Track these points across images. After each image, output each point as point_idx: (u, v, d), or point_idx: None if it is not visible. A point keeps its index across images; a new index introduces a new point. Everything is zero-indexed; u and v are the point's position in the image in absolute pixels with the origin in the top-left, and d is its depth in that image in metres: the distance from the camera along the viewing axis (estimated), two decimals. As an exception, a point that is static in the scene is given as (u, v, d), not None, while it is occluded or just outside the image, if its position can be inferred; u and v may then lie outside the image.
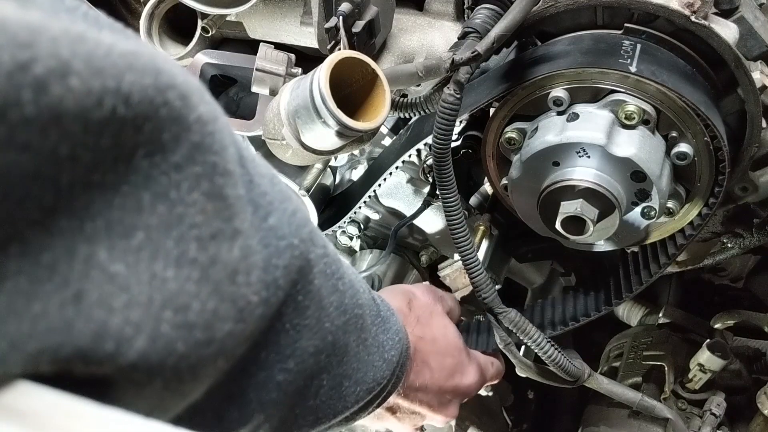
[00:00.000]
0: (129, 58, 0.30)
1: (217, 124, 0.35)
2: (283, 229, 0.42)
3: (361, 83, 0.69)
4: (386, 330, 0.63)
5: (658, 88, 0.72)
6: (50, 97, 0.27)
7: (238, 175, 0.37)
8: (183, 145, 0.32)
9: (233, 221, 0.36)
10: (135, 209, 0.31)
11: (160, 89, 0.31)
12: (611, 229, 0.75)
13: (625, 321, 1.40)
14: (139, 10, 0.95)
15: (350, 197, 1.07)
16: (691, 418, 1.04)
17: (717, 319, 1.25)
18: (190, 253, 0.33)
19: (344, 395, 0.56)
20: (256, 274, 0.38)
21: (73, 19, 0.33)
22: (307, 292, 0.45)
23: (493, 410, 1.38)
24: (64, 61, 0.27)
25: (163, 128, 0.31)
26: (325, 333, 0.48)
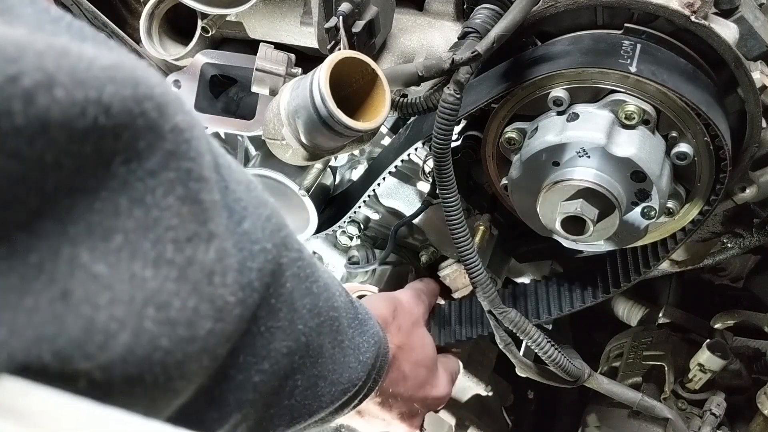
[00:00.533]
0: (110, 71, 0.31)
1: (194, 132, 0.36)
2: (257, 234, 0.43)
3: (361, 83, 0.69)
4: (363, 332, 0.65)
5: (658, 88, 0.72)
6: (38, 107, 0.28)
7: (213, 180, 0.39)
8: (157, 153, 0.34)
9: (208, 224, 0.37)
10: (113, 213, 0.33)
11: (137, 100, 0.32)
12: (611, 229, 0.75)
13: (625, 321, 1.40)
14: (139, 10, 0.95)
15: (350, 197, 1.07)
16: (691, 418, 1.04)
17: (717, 319, 1.25)
18: (167, 254, 0.35)
19: (319, 395, 0.58)
20: (232, 276, 0.40)
21: (56, 30, 0.35)
22: (279, 295, 0.46)
23: (493, 410, 1.38)
24: (49, 74, 0.29)
25: (140, 137, 0.33)
26: (298, 334, 0.50)
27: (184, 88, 0.94)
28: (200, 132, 0.38)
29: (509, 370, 1.02)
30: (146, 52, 0.95)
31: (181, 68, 0.95)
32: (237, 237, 0.41)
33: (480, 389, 1.30)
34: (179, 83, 0.94)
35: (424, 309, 0.88)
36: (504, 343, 0.93)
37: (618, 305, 1.42)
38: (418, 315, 0.87)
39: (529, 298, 0.99)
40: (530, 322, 0.90)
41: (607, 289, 0.92)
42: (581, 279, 0.96)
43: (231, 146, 1.16)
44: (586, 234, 0.73)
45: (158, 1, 0.91)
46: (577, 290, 0.96)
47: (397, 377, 0.78)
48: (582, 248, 0.87)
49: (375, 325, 0.68)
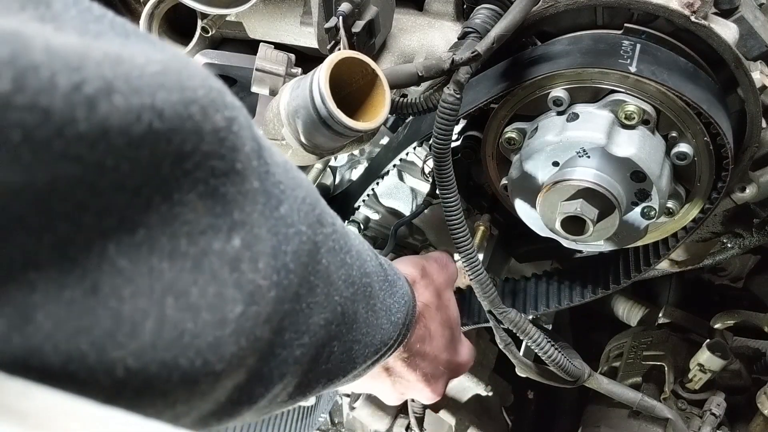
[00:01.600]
0: (159, 77, 0.33)
1: (232, 127, 0.38)
2: (293, 217, 0.45)
3: (361, 83, 0.69)
4: (393, 293, 0.67)
5: (658, 88, 0.72)
6: (99, 114, 0.30)
7: (252, 168, 0.40)
8: (197, 154, 0.36)
9: (233, 214, 0.39)
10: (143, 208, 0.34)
11: (185, 104, 0.34)
12: (611, 229, 0.75)
13: (625, 321, 1.40)
14: (139, 10, 0.95)
15: (350, 197, 1.07)
16: (691, 418, 1.04)
17: (717, 319, 1.25)
18: (182, 247, 0.36)
19: (354, 358, 0.60)
20: (264, 261, 0.41)
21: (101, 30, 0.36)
22: (316, 272, 0.48)
23: (493, 410, 1.38)
24: (108, 82, 0.31)
25: (187, 139, 0.35)
26: (334, 305, 0.52)
27: (184, 88, 0.94)
28: (240, 124, 0.39)
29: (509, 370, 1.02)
30: (146, 52, 0.95)
31: (181, 68, 0.95)
32: (272, 222, 0.43)
33: (480, 389, 1.30)
34: (179, 83, 0.94)
35: (449, 275, 0.90)
36: (504, 343, 0.93)
37: (618, 305, 1.42)
38: (445, 278, 0.88)
39: (528, 291, 0.99)
40: (528, 315, 0.91)
41: (606, 286, 0.92)
42: (581, 275, 0.96)
43: (231, 146, 1.16)
44: (586, 234, 0.73)
45: (158, 1, 0.91)
46: (576, 286, 0.96)
47: (423, 334, 0.79)
48: (582, 248, 0.87)
49: (404, 285, 0.70)
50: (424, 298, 0.80)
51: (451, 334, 0.85)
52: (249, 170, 0.40)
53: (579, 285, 0.96)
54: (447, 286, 0.87)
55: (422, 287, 0.81)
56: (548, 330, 1.06)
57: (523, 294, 1.00)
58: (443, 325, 0.83)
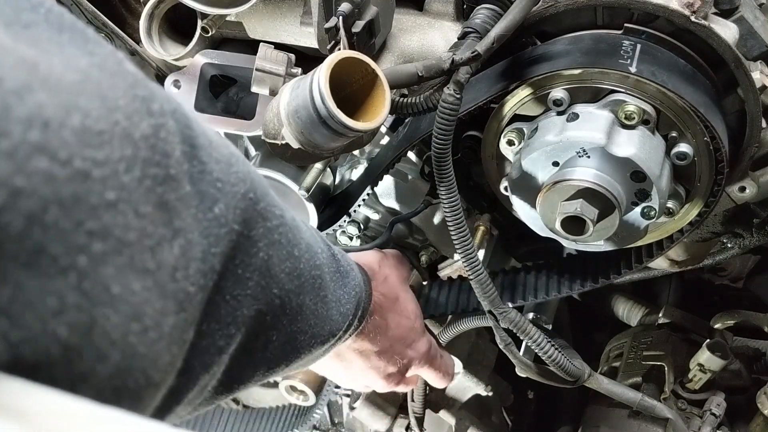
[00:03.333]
0: (77, 86, 0.33)
1: (159, 133, 0.38)
2: (228, 216, 0.44)
3: (361, 83, 0.69)
4: (344, 284, 0.68)
5: (658, 88, 0.72)
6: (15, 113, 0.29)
7: (184, 172, 0.40)
8: (137, 164, 0.35)
9: (174, 222, 0.38)
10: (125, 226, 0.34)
11: (108, 111, 0.34)
12: (611, 229, 0.75)
13: (625, 321, 1.40)
14: (139, 10, 0.95)
15: (350, 197, 1.07)
16: (691, 418, 1.04)
17: (717, 319, 1.25)
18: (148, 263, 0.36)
19: (298, 347, 0.60)
20: (195, 266, 0.41)
21: (34, 20, 0.35)
22: (248, 266, 0.48)
23: (493, 410, 1.38)
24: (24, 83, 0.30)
25: (123, 145, 0.34)
26: (271, 297, 0.52)
27: (184, 89, 0.94)
28: (167, 130, 0.38)
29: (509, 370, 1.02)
30: (146, 52, 0.95)
31: (181, 68, 0.95)
32: (205, 224, 0.42)
33: (480, 389, 1.30)
34: (179, 83, 0.94)
35: (405, 270, 0.92)
36: (504, 343, 0.93)
37: (618, 305, 1.42)
38: (402, 273, 0.90)
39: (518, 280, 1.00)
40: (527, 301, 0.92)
41: (596, 280, 0.92)
42: (573, 267, 0.96)
43: (231, 146, 1.16)
44: (586, 234, 0.73)
45: (158, 1, 0.91)
46: (566, 277, 0.96)
47: (378, 325, 0.80)
48: (582, 248, 0.87)
49: (357, 275, 0.71)
50: (383, 288, 0.82)
51: (410, 324, 0.86)
52: (181, 174, 0.40)
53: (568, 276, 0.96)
54: (404, 281, 0.89)
55: (381, 278, 0.82)
56: (548, 330, 1.06)
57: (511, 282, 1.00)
58: (401, 316, 0.84)
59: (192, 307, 0.41)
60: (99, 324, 0.32)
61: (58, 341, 0.30)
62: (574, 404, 1.43)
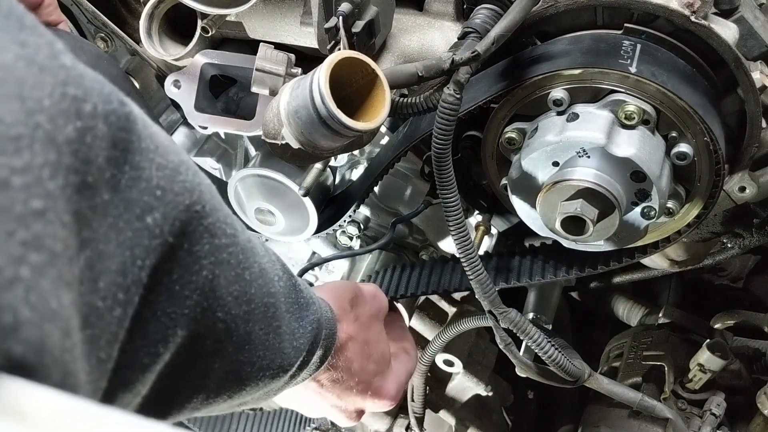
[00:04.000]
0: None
1: (85, 138, 0.35)
2: (163, 227, 0.41)
3: (361, 83, 0.69)
4: (301, 318, 0.63)
5: (658, 88, 0.72)
6: None
7: (104, 180, 0.37)
8: (60, 173, 0.33)
9: (82, 233, 0.36)
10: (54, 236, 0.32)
11: (28, 114, 0.32)
12: (611, 229, 0.75)
13: (625, 321, 1.40)
14: (139, 10, 0.95)
15: (350, 197, 1.07)
16: (691, 418, 1.04)
17: (717, 319, 1.25)
18: (69, 276, 0.34)
19: (243, 378, 0.56)
20: (107, 279, 0.38)
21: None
22: (187, 282, 0.45)
23: (493, 410, 1.38)
24: None
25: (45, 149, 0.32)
26: (213, 321, 0.49)
27: (184, 89, 0.94)
28: (96, 131, 0.36)
29: (509, 370, 1.02)
30: (146, 52, 0.95)
31: (181, 68, 0.95)
32: (129, 234, 0.40)
33: (480, 389, 1.30)
34: (179, 83, 0.94)
35: (380, 306, 0.86)
36: (504, 343, 0.93)
37: (618, 305, 1.42)
38: (378, 309, 0.85)
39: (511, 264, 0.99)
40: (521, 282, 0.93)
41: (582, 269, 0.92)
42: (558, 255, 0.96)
43: (231, 146, 1.16)
44: (586, 234, 0.73)
45: (158, 1, 0.91)
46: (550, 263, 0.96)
47: (343, 366, 0.75)
48: (582, 248, 0.87)
49: (319, 310, 0.67)
50: (352, 329, 0.77)
51: (376, 370, 0.81)
52: (100, 182, 0.37)
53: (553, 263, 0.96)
54: (377, 319, 0.84)
55: (352, 318, 0.78)
56: (548, 330, 1.06)
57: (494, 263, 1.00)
58: (368, 359, 0.79)
59: (103, 323, 0.38)
60: (47, 342, 0.30)
61: (13, 360, 0.29)
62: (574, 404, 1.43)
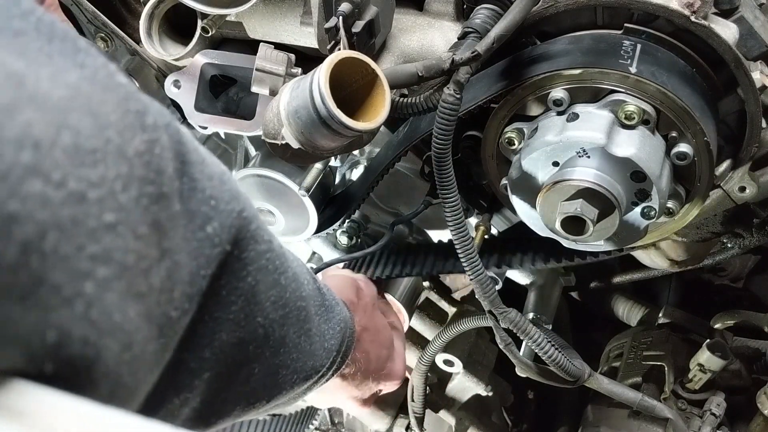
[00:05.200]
0: (66, 102, 0.31)
1: (154, 150, 0.36)
2: (221, 236, 0.42)
3: (361, 83, 0.69)
4: (329, 320, 0.65)
5: (658, 88, 0.72)
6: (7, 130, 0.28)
7: (174, 189, 0.38)
8: (133, 182, 0.34)
9: (162, 243, 0.36)
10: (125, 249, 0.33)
11: (100, 128, 0.32)
12: (611, 229, 0.75)
13: (625, 321, 1.40)
14: (139, 10, 0.95)
15: (350, 197, 1.07)
16: (691, 418, 1.04)
17: (717, 319, 1.25)
18: (141, 287, 0.34)
19: (280, 383, 0.58)
20: (180, 290, 0.39)
21: (23, 28, 0.34)
22: (234, 289, 0.46)
23: (493, 410, 1.38)
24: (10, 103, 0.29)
25: (118, 162, 0.33)
26: (254, 326, 0.49)
27: (184, 89, 0.94)
28: (162, 145, 0.37)
29: (509, 370, 1.02)
30: (146, 52, 0.95)
31: (181, 68, 0.95)
32: (195, 244, 0.40)
33: (480, 389, 1.30)
34: (179, 83, 0.94)
35: (374, 292, 0.90)
36: (504, 343, 0.93)
37: (618, 305, 1.42)
38: (373, 295, 0.89)
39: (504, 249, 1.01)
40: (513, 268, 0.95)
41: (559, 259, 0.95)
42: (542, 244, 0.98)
43: (231, 146, 1.16)
44: (586, 234, 0.73)
45: (158, 1, 0.91)
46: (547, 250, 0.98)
47: (360, 358, 0.79)
48: (582, 248, 0.87)
49: (342, 310, 0.69)
50: (363, 321, 0.80)
51: (387, 353, 0.85)
52: (173, 192, 0.38)
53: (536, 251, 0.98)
54: (375, 304, 0.88)
55: (361, 310, 0.80)
56: (548, 330, 1.06)
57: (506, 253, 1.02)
58: (380, 345, 0.83)
59: (172, 332, 0.39)
60: (102, 356, 0.31)
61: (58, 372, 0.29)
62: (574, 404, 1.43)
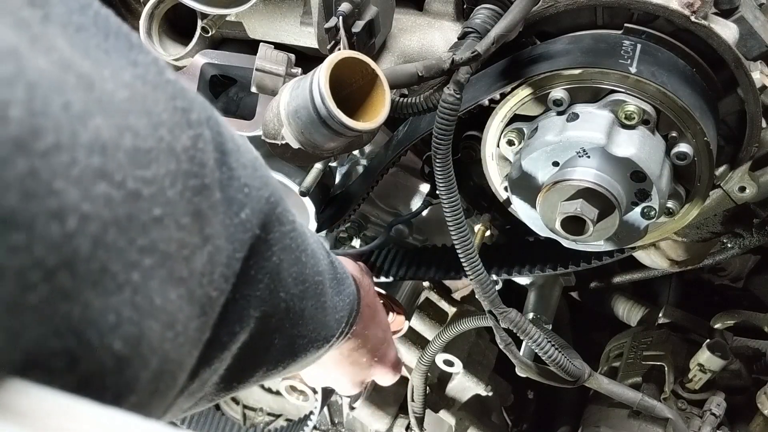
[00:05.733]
0: (126, 104, 0.34)
1: (198, 145, 0.38)
2: (252, 221, 0.45)
3: (361, 83, 0.69)
4: (340, 292, 0.69)
5: (658, 88, 0.72)
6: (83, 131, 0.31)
7: (215, 180, 0.41)
8: (179, 177, 0.36)
9: (205, 230, 0.39)
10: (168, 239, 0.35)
11: (154, 127, 0.35)
12: (611, 229, 0.75)
13: (625, 321, 1.40)
14: (139, 10, 0.95)
15: (350, 197, 1.07)
16: (691, 418, 1.04)
17: (717, 319, 1.25)
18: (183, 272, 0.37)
19: (295, 351, 0.61)
20: (219, 272, 0.42)
21: (83, 23, 0.36)
22: (261, 268, 0.49)
23: (493, 410, 1.38)
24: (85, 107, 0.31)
25: (168, 160, 0.35)
26: (277, 301, 0.52)
27: (184, 88, 0.94)
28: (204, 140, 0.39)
29: (509, 370, 1.02)
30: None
31: (181, 68, 0.95)
32: (232, 230, 0.43)
33: (480, 389, 1.30)
34: (179, 83, 0.94)
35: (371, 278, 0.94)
36: (504, 343, 0.93)
37: (618, 305, 1.42)
38: (371, 282, 0.92)
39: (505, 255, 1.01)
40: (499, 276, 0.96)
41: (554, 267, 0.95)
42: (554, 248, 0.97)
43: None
44: (586, 234, 0.73)
45: (158, 1, 0.91)
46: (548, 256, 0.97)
47: (360, 332, 0.80)
48: (582, 248, 0.87)
49: (351, 284, 0.72)
50: (366, 300, 0.81)
51: (383, 338, 0.87)
52: (214, 182, 0.40)
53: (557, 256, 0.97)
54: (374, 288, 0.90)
55: (365, 291, 0.82)
56: (548, 330, 1.06)
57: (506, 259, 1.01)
58: (377, 328, 0.85)
59: (212, 311, 0.42)
60: (145, 335, 0.33)
61: (113, 354, 0.32)
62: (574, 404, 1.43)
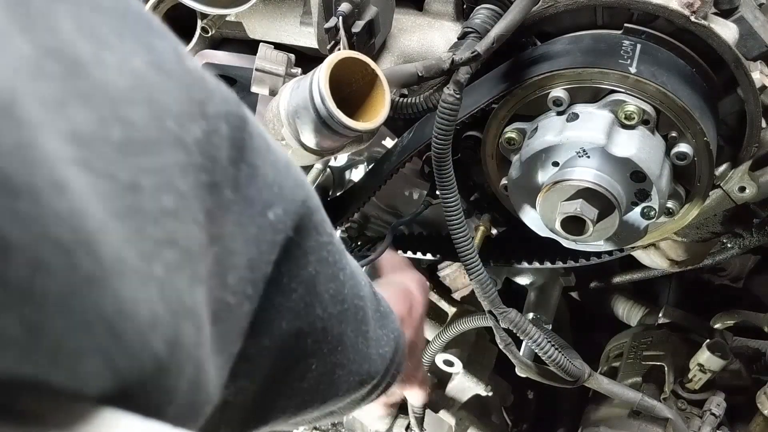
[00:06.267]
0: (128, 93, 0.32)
1: (213, 138, 0.37)
2: (285, 222, 0.42)
3: (361, 83, 0.69)
4: (384, 326, 0.64)
5: (657, 88, 0.72)
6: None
7: (227, 178, 0.38)
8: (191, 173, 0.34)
9: (211, 230, 0.37)
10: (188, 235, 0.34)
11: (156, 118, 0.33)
12: (611, 229, 0.75)
13: (625, 321, 1.40)
14: (139, 10, 0.95)
15: (350, 198, 1.07)
16: (691, 418, 1.04)
17: (717, 319, 1.25)
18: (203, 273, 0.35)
19: (336, 383, 0.57)
20: (237, 276, 0.39)
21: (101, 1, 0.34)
22: (295, 276, 0.45)
23: (493, 410, 1.38)
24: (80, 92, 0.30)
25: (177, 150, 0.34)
26: (313, 318, 0.49)
27: (184, 89, 0.94)
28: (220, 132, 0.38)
29: (509, 370, 1.02)
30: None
31: (181, 68, 0.95)
32: (254, 230, 0.40)
33: (480, 389, 1.30)
34: (179, 83, 0.94)
35: (426, 300, 0.88)
36: (504, 343, 0.93)
37: (618, 305, 1.42)
38: (425, 303, 0.87)
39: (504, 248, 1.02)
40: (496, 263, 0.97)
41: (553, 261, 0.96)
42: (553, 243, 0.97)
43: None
44: (586, 234, 0.73)
45: (158, 1, 0.91)
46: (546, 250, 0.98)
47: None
48: (582, 248, 0.87)
49: (395, 320, 0.67)
50: (411, 335, 0.78)
51: (417, 362, 0.85)
52: (224, 181, 0.38)
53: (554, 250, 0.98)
54: (423, 315, 0.86)
55: (409, 326, 0.79)
56: (548, 330, 1.06)
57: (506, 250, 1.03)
58: (412, 359, 0.81)
59: (234, 318, 0.40)
60: (180, 338, 0.31)
61: (154, 356, 0.30)
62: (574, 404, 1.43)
